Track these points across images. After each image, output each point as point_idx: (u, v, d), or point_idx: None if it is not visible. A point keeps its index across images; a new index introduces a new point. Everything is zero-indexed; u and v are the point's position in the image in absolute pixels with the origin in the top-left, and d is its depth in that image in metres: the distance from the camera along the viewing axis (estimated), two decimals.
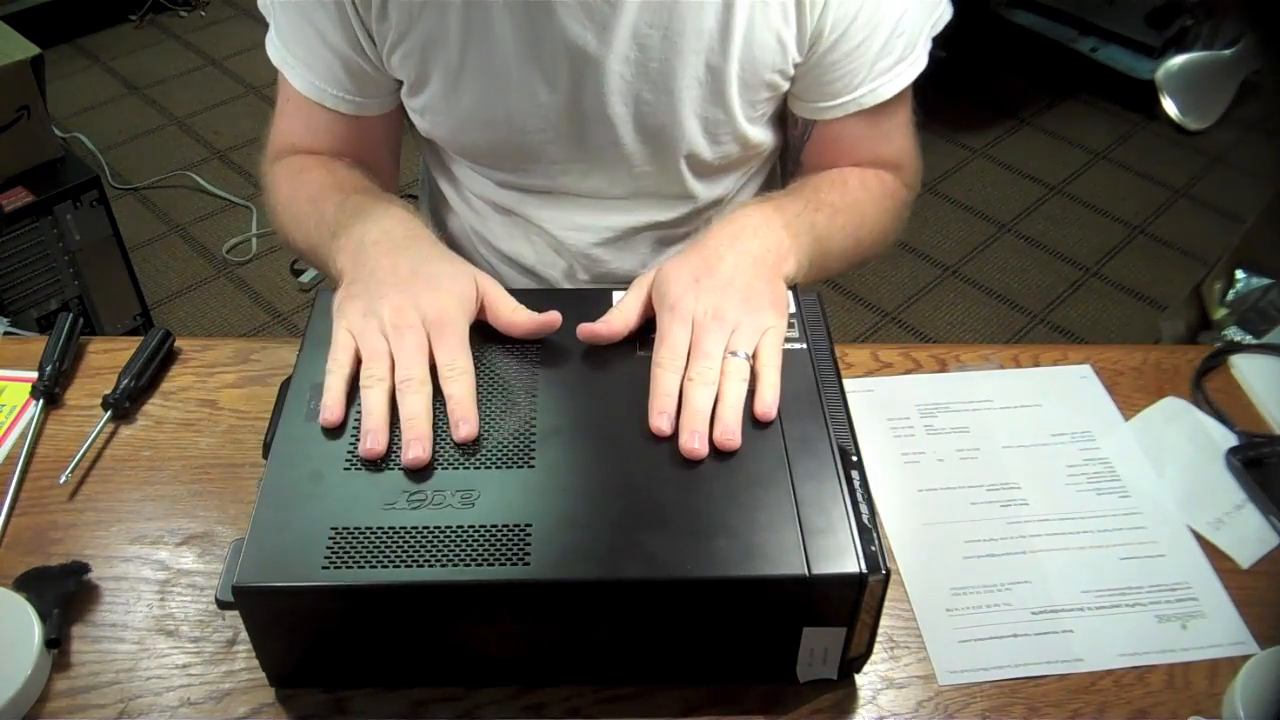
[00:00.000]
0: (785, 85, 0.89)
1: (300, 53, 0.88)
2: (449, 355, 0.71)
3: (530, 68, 0.84)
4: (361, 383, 0.70)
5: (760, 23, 0.82)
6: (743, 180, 0.99)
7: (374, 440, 0.67)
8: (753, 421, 0.70)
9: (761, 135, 0.93)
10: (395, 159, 1.00)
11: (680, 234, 0.98)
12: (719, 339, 0.72)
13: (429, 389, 0.69)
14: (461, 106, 0.88)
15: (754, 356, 0.73)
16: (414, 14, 0.83)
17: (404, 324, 0.71)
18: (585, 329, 0.74)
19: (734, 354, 0.72)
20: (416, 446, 0.66)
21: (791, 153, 0.98)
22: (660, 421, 0.68)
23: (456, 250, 1.05)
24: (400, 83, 0.90)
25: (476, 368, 0.72)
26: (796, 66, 0.87)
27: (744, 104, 0.88)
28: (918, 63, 0.88)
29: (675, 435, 0.68)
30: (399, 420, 0.68)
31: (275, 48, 0.90)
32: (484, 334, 0.75)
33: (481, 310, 0.75)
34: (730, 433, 0.68)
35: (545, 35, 0.82)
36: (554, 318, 0.74)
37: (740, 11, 0.81)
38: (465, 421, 0.68)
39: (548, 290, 1.00)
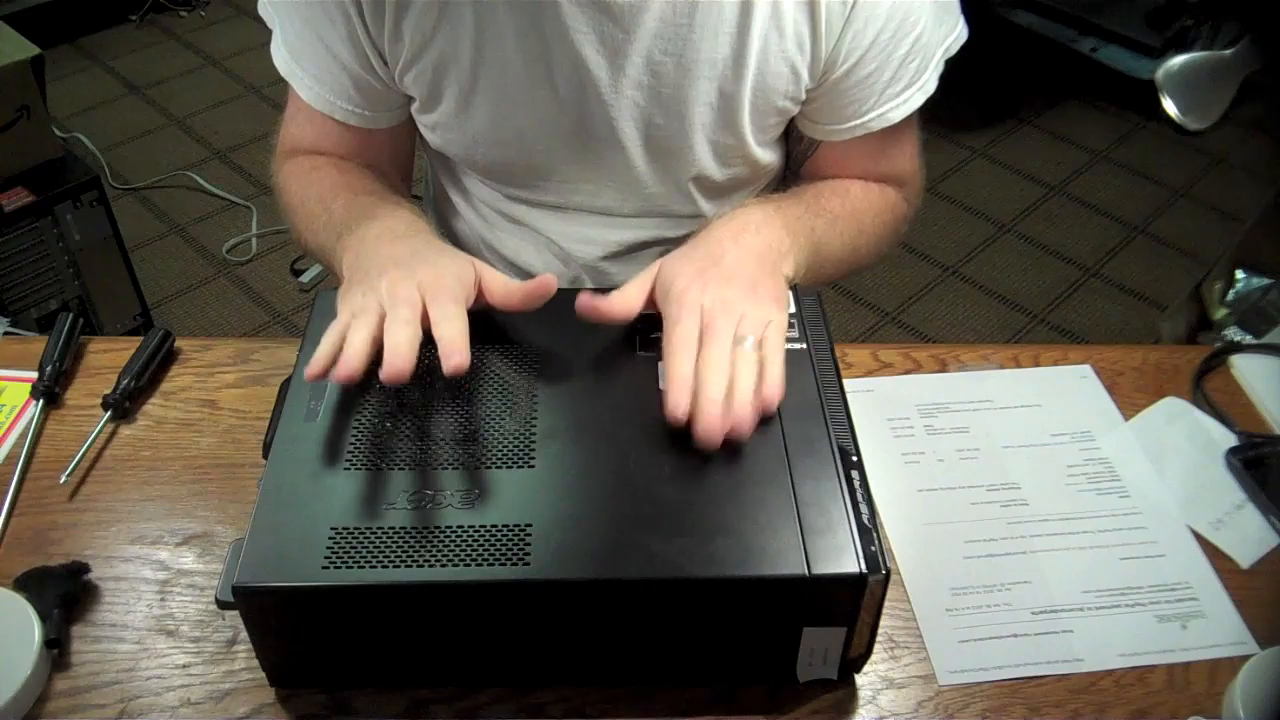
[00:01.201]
0: (796, 110, 0.89)
1: (309, 66, 0.88)
2: (441, 308, 0.69)
3: (542, 89, 0.84)
4: (349, 329, 0.68)
5: (774, 51, 0.82)
6: (750, 198, 0.99)
7: (347, 367, 0.65)
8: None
9: (770, 156, 0.93)
10: (406, 169, 1.00)
11: None
12: (728, 328, 0.72)
13: (417, 329, 0.68)
14: (473, 125, 0.88)
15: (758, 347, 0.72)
16: (427, 35, 0.82)
17: (400, 292, 0.70)
18: (585, 298, 0.73)
19: (742, 343, 0.72)
20: (397, 361, 0.65)
21: (792, 164, 0.99)
22: (677, 411, 0.68)
23: (460, 241, 1.05)
24: (411, 97, 0.90)
25: (477, 368, 0.72)
26: (808, 92, 0.87)
27: (755, 129, 0.88)
28: (927, 87, 0.87)
29: (677, 435, 0.68)
30: (405, 425, 0.69)
31: (283, 58, 0.89)
32: (484, 334, 0.75)
33: (480, 298, 0.75)
34: (743, 422, 0.67)
35: (558, 59, 0.82)
36: (548, 280, 0.73)
37: (754, 40, 0.81)
38: (457, 353, 0.66)
39: None
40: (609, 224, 0.96)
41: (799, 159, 0.96)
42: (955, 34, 0.87)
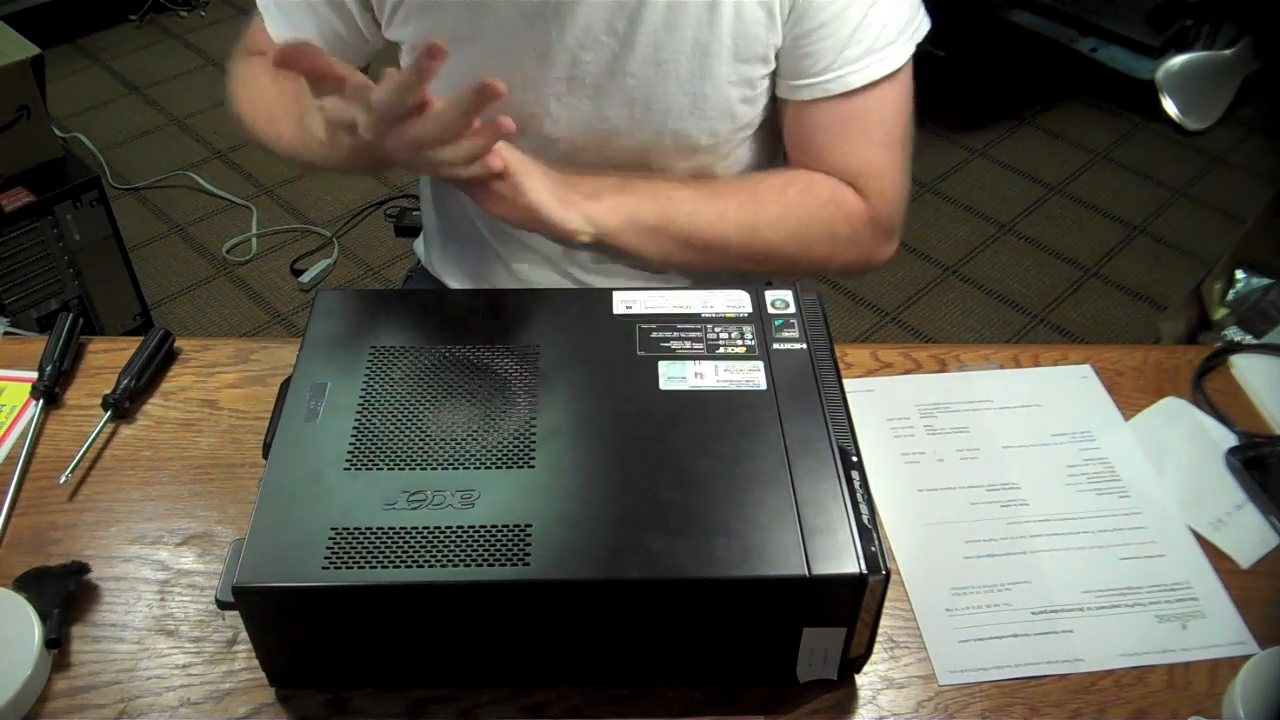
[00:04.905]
0: (772, 63, 0.89)
1: (284, 5, 0.92)
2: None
3: (522, 38, 0.86)
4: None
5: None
6: (734, 158, 0.99)
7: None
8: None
9: (749, 113, 0.93)
10: None
11: None
12: None
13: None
14: (455, 72, 0.89)
15: None
16: None
17: None
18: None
19: None
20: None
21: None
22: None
23: (460, 230, 1.07)
24: (381, 49, 0.94)
25: (476, 367, 0.73)
26: (777, 49, 0.88)
27: (731, 81, 0.89)
28: (890, 61, 0.87)
29: (677, 435, 0.68)
30: (406, 425, 0.69)
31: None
32: (484, 333, 0.75)
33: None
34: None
35: (536, 4, 0.84)
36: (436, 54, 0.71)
37: None
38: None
39: (549, 291, 1.00)
40: None
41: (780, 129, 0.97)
42: (918, 22, 0.89)
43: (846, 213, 0.92)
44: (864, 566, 0.61)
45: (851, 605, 0.63)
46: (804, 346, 0.76)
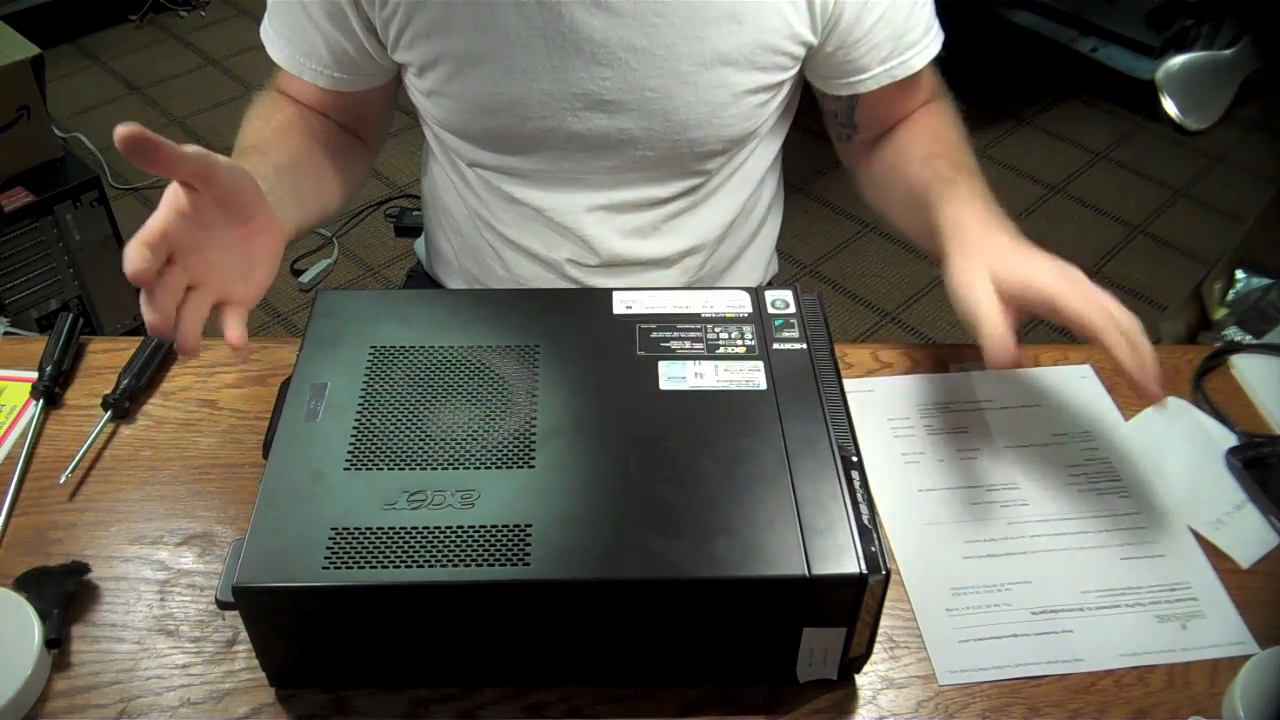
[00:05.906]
0: (792, 69, 0.91)
1: (283, 28, 0.91)
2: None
3: (537, 56, 0.85)
4: None
5: (770, 9, 0.85)
6: (744, 157, 1.00)
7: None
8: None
9: (764, 115, 0.94)
10: (377, 128, 1.03)
11: (683, 208, 0.99)
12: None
13: None
14: (467, 91, 0.89)
15: None
16: (420, 1, 0.85)
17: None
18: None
19: None
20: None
21: (839, 119, 1.01)
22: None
23: (461, 236, 1.07)
24: (392, 68, 0.93)
25: (476, 367, 0.72)
26: (813, 51, 0.90)
27: (748, 89, 0.89)
28: (940, 35, 0.93)
29: (677, 435, 0.68)
30: (405, 425, 0.69)
31: (264, 24, 0.93)
32: (484, 333, 0.75)
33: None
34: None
35: (551, 22, 0.83)
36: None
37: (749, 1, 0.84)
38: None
39: (549, 290, 1.00)
40: (603, 190, 0.97)
41: (844, 117, 0.99)
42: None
43: (959, 121, 0.98)
44: (864, 566, 0.61)
45: (851, 605, 0.63)
46: (804, 346, 0.76)
